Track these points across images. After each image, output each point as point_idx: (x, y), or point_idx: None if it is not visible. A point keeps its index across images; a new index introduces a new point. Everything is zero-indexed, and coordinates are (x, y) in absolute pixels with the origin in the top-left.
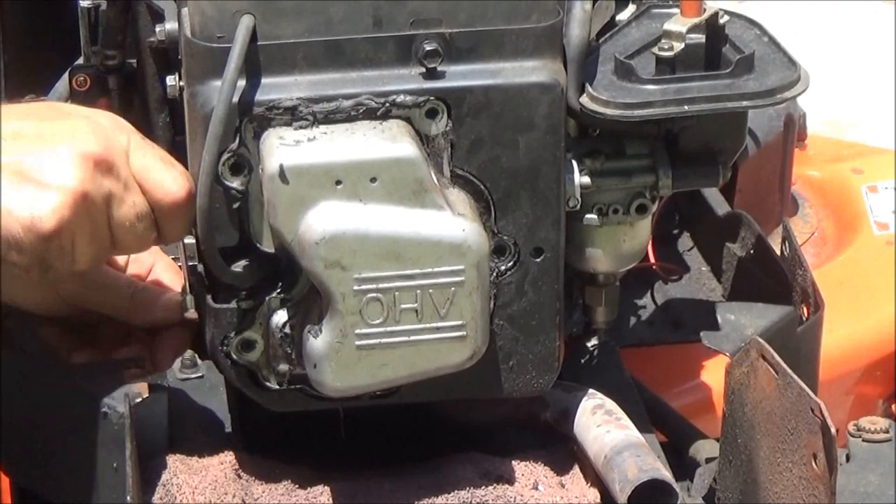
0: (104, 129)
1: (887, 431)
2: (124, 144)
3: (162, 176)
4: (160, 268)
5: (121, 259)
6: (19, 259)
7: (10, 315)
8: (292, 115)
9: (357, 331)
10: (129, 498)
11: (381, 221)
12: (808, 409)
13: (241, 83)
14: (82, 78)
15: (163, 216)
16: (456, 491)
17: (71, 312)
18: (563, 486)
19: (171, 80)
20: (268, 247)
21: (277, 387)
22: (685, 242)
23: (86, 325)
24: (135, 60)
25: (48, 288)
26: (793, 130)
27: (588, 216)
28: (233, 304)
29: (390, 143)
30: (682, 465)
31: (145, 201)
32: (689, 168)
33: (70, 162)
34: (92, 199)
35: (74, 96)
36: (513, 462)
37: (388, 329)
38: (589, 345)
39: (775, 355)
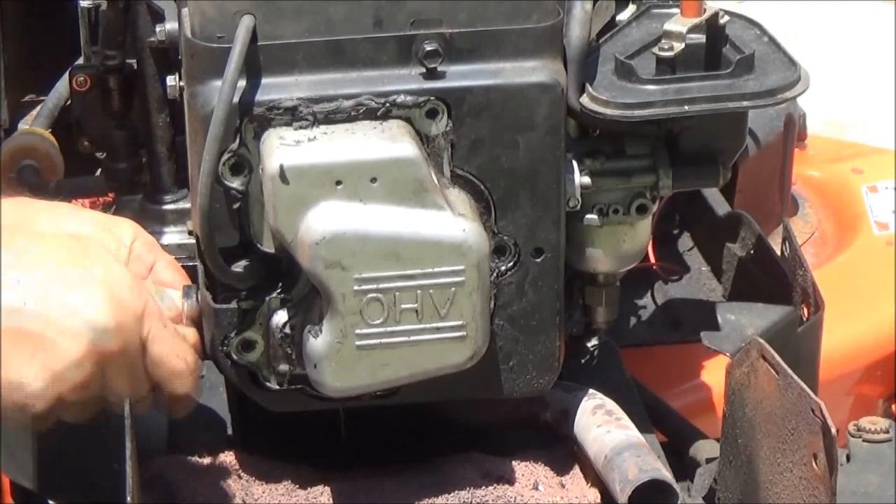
0: (121, 304)
1: (887, 431)
2: (137, 327)
3: (171, 368)
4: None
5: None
6: (10, 421)
7: None
8: (293, 116)
9: (357, 331)
10: (129, 498)
11: (382, 221)
12: (808, 410)
13: (242, 83)
14: (82, 78)
15: (167, 399)
16: (456, 491)
17: None
18: (563, 486)
19: (171, 80)
20: (268, 247)
21: (278, 387)
22: (685, 242)
23: None
24: (135, 60)
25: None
26: (793, 130)
27: (588, 216)
28: (233, 305)
29: (390, 143)
30: (683, 465)
31: (148, 388)
32: (689, 168)
33: (70, 340)
34: (90, 388)
35: (74, 96)
36: (513, 462)
37: (389, 329)
38: (589, 345)
39: (775, 355)
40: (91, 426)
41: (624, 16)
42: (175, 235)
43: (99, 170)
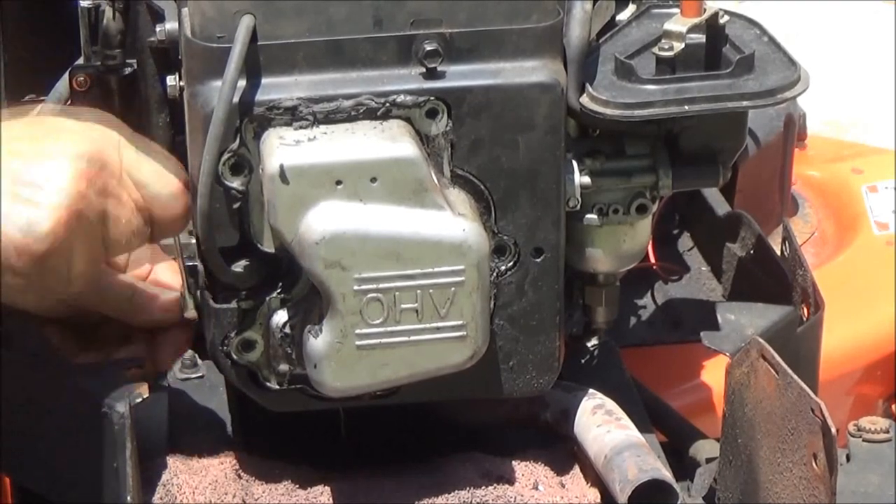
0: (96, 143)
1: (887, 431)
2: (117, 158)
3: (157, 188)
4: (160, 268)
5: (120, 259)
6: (14, 280)
7: (10, 315)
8: (292, 115)
9: (357, 331)
10: (129, 498)
11: (382, 221)
12: (808, 409)
13: (242, 83)
14: (82, 78)
15: (158, 227)
16: (456, 491)
17: (71, 313)
18: (563, 486)
19: (171, 80)
20: (268, 247)
21: (278, 387)
22: (685, 242)
23: (87, 325)
24: (135, 60)
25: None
26: (793, 130)
27: (588, 216)
28: (233, 305)
29: (390, 143)
30: (683, 465)
31: (140, 217)
32: (689, 168)
33: (63, 180)
34: (86, 218)
35: (74, 96)
36: (513, 462)
37: (389, 329)
38: (589, 345)
39: (775, 355)
40: (91, 426)
41: (624, 16)
42: None
43: None
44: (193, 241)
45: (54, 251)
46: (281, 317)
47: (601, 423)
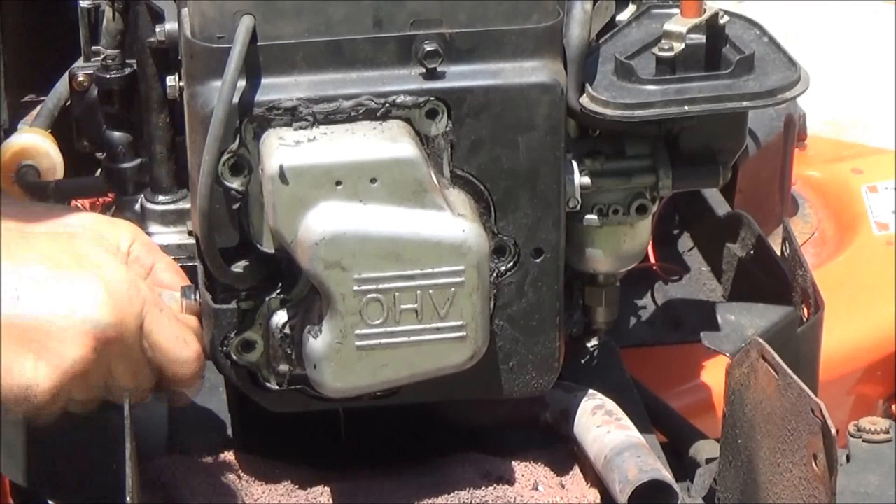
0: (118, 307)
1: (887, 432)
2: (135, 327)
3: (174, 355)
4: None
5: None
6: (15, 413)
7: None
8: (292, 116)
9: (357, 331)
10: (128, 498)
11: (381, 222)
12: (808, 410)
13: (241, 84)
14: (82, 78)
15: (169, 382)
16: (456, 491)
17: None
18: (563, 486)
19: (171, 81)
20: (268, 247)
21: (277, 387)
22: (685, 243)
23: None
24: (135, 60)
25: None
26: (793, 130)
27: (588, 216)
28: (233, 305)
29: (390, 143)
30: (683, 466)
31: (149, 371)
32: (689, 168)
33: (72, 349)
34: (90, 376)
35: (74, 96)
36: (513, 462)
37: (389, 329)
38: (589, 345)
39: (775, 356)
40: (91, 426)
41: (624, 16)
42: (175, 235)
43: (99, 170)
44: (193, 241)
45: (54, 403)
46: (281, 317)
47: (601, 424)
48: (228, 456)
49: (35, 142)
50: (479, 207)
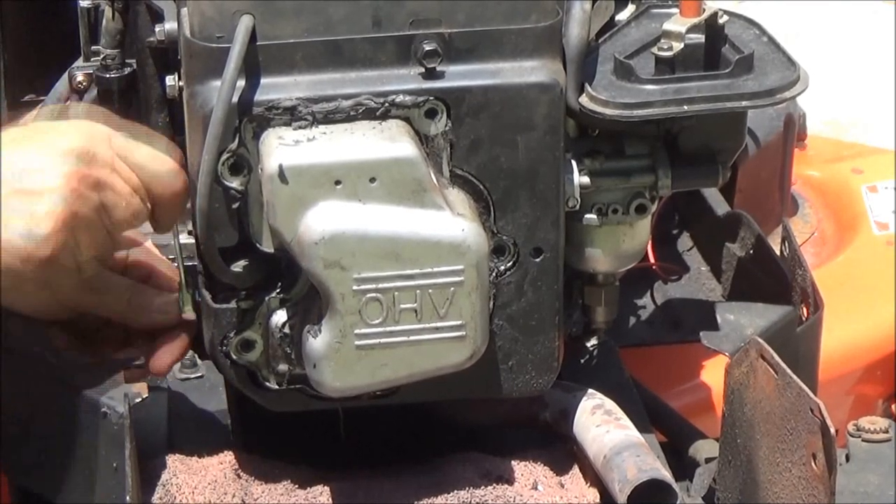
0: (84, 137)
1: (887, 431)
2: (107, 149)
3: (154, 168)
4: (159, 269)
5: (118, 259)
6: (25, 286)
7: (10, 316)
8: (292, 115)
9: (356, 331)
10: (129, 498)
11: (381, 221)
12: (807, 409)
13: (241, 83)
14: (82, 78)
15: (160, 205)
16: (456, 491)
17: (70, 316)
18: (562, 486)
19: (170, 80)
20: (267, 247)
21: (277, 387)
22: (685, 242)
23: (87, 328)
24: (134, 60)
25: (47, 294)
26: (793, 130)
27: (587, 216)
28: (232, 304)
29: (389, 143)
30: (682, 465)
31: (138, 198)
32: (688, 168)
33: (55, 183)
34: (83, 213)
35: (74, 96)
36: (512, 462)
37: (388, 329)
38: (588, 345)
39: (775, 355)
40: (91, 426)
41: (623, 16)
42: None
43: None
44: (193, 241)
45: (58, 250)
46: (280, 317)
47: (600, 423)
48: (228, 456)
49: None
50: (478, 207)
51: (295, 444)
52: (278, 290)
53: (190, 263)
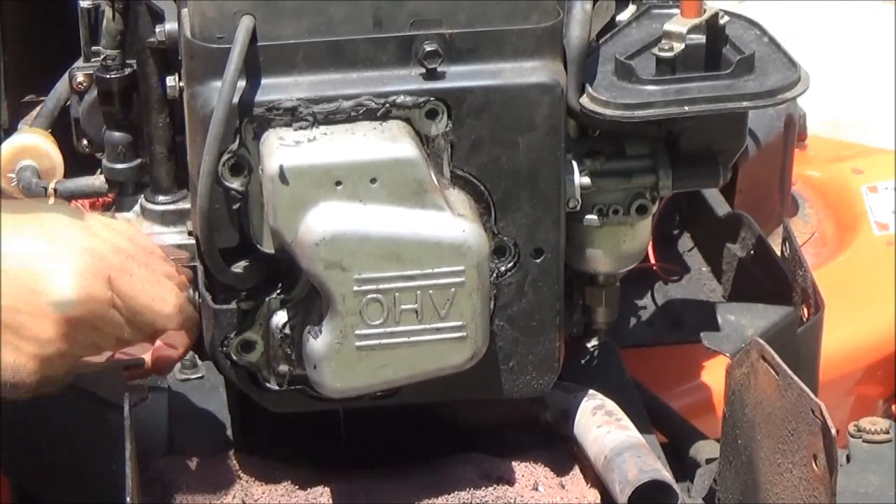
0: (83, 272)
1: (887, 432)
2: (107, 296)
3: (152, 315)
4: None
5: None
6: (19, 391)
7: None
8: (292, 116)
9: (357, 331)
10: (128, 498)
11: (382, 222)
12: (808, 410)
13: (241, 84)
14: (82, 78)
15: (159, 333)
16: (456, 491)
17: None
18: (563, 486)
19: (171, 81)
20: (268, 247)
21: (277, 387)
22: (685, 243)
23: None
24: (135, 61)
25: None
26: (793, 131)
27: (588, 217)
28: (233, 305)
29: (390, 143)
30: (683, 466)
31: (134, 328)
32: (689, 169)
33: (48, 334)
34: (72, 351)
35: (74, 96)
36: (513, 463)
37: (389, 330)
38: (589, 345)
39: (775, 356)
40: (91, 426)
41: (624, 16)
42: (174, 235)
43: (99, 170)
44: (193, 241)
45: (45, 377)
46: (281, 317)
47: (601, 424)
48: (228, 456)
49: (35, 142)
50: (479, 207)
51: (295, 444)
52: (279, 291)
53: (190, 264)
